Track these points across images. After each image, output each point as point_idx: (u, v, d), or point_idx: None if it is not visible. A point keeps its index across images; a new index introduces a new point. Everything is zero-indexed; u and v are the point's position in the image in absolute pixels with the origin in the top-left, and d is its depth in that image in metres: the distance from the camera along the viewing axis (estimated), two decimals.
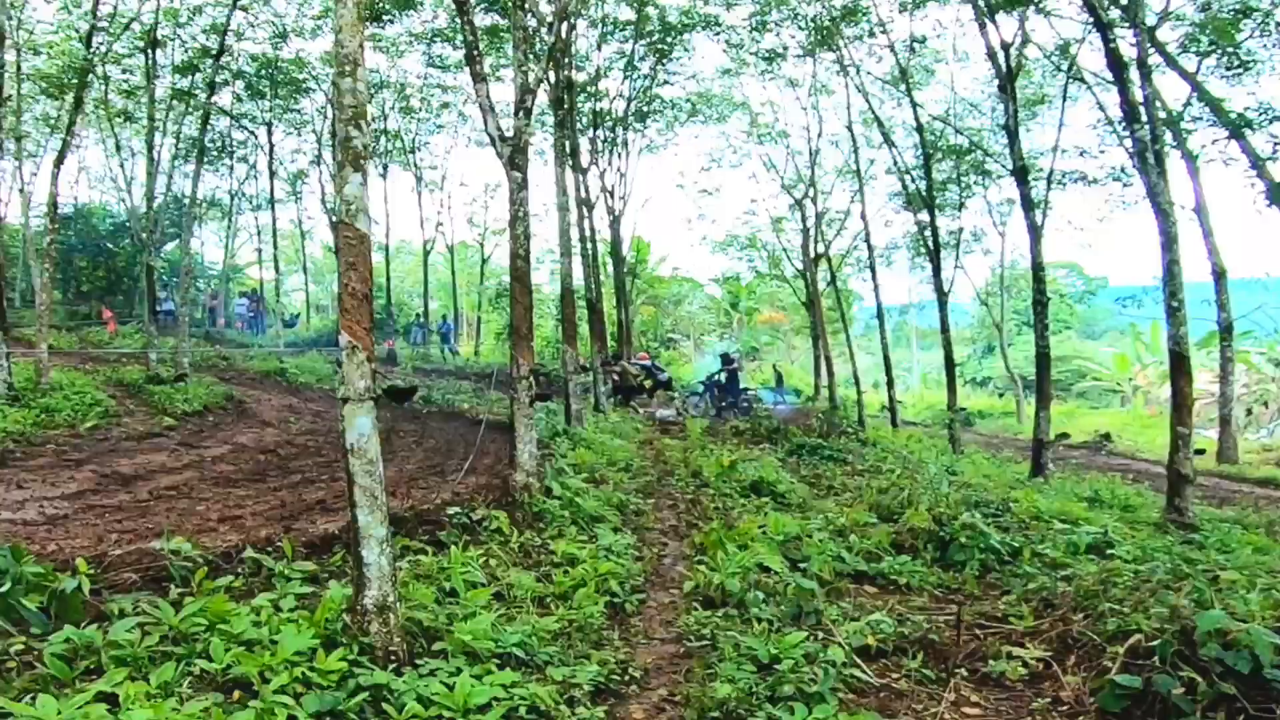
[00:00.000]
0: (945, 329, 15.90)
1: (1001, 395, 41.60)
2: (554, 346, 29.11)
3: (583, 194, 19.29)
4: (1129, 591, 5.20)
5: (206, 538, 5.51)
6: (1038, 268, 12.30)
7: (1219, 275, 17.12)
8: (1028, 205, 12.65)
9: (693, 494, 9.07)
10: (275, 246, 29.07)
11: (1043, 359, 12.27)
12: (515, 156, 7.54)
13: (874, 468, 12.43)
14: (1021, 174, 12.71)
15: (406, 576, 4.65)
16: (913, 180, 18.32)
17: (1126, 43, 9.93)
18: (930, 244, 16.13)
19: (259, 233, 30.54)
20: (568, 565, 5.50)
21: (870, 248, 20.03)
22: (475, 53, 7.89)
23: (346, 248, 3.77)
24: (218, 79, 17.56)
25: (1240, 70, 13.95)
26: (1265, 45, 14.02)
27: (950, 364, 15.97)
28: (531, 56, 8.15)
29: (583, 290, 17.01)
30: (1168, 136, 16.57)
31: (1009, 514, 8.58)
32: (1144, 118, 8.99)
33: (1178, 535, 8.43)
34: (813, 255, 27.18)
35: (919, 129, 16.70)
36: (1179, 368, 8.83)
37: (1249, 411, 33.97)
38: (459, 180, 43.50)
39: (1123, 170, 16.79)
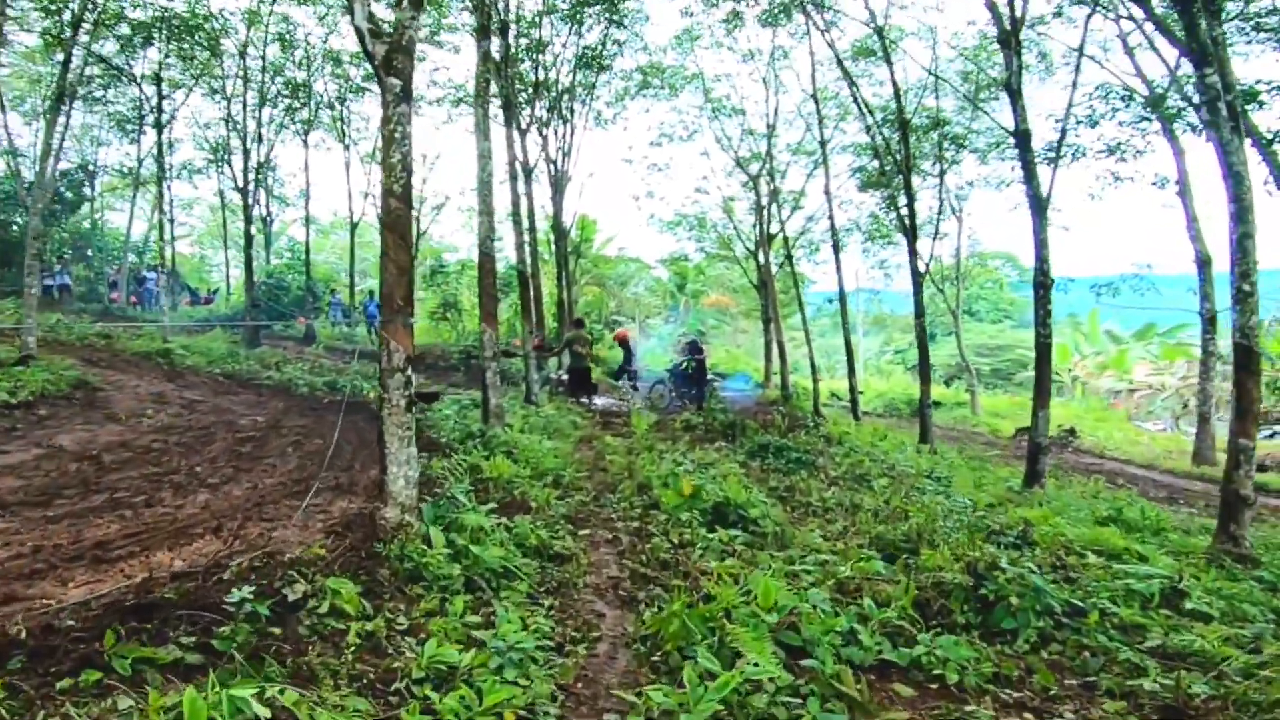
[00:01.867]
0: (920, 313, 13.96)
1: (949, 384, 40.45)
2: (508, 323, 26.63)
3: (521, 156, 16.85)
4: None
5: None
6: (1041, 245, 10.33)
7: (1203, 264, 15.54)
8: (1029, 174, 10.67)
9: (639, 520, 6.83)
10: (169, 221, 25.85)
11: (1044, 351, 10.35)
12: (394, 58, 5.15)
13: (852, 474, 10.39)
14: (1024, 139, 10.72)
15: None
16: (887, 149, 16.27)
17: None
18: (906, 220, 14.15)
19: (171, 204, 27.23)
20: (432, 689, 3.23)
21: (833, 224, 17.98)
22: None
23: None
24: (87, 15, 14.57)
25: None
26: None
27: (925, 352, 14.07)
28: None
29: (514, 263, 14.60)
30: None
31: (1034, 547, 6.58)
32: (1211, 62, 6.98)
33: (1244, 574, 6.56)
34: (766, 235, 25.14)
35: (896, 94, 14.68)
36: (1246, 365, 6.90)
37: (1185, 405, 33.25)
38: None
39: (1126, 141, 14.88)
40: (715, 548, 5.99)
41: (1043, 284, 10.38)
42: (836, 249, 17.89)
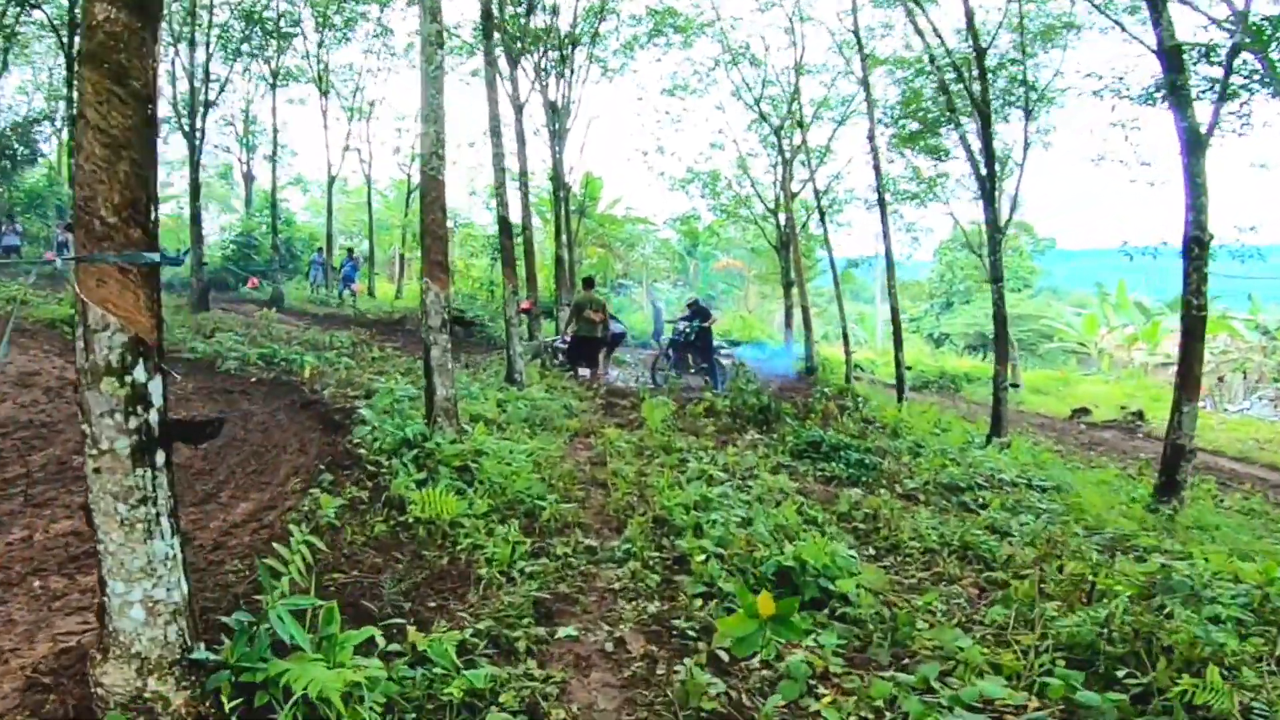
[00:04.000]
0: (999, 277, 11.06)
1: (974, 353, 37.61)
2: (487, 288, 23.80)
3: (511, 90, 13.94)
4: None
5: None
6: (1197, 192, 7.43)
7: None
8: (1182, 103, 7.71)
9: (658, 598, 4.07)
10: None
11: (1197, 327, 7.52)
12: None
13: (938, 485, 7.64)
14: (1173, 58, 7.73)
15: None
16: (942, 89, 13.16)
17: None
18: (984, 166, 11.16)
19: None
20: None
21: (879, 173, 14.93)
22: None
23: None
24: None
25: None
26: None
27: (1002, 325, 11.18)
28: None
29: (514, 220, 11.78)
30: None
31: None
32: None
33: None
34: (788, 191, 22.13)
35: (969, 19, 11.57)
36: None
37: (1221, 379, 30.47)
38: (378, 101, 32.94)
39: None
40: (797, 672, 3.24)
41: (1199, 241, 7.49)
42: (883, 204, 14.91)
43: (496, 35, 13.34)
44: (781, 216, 22.99)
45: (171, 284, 17.53)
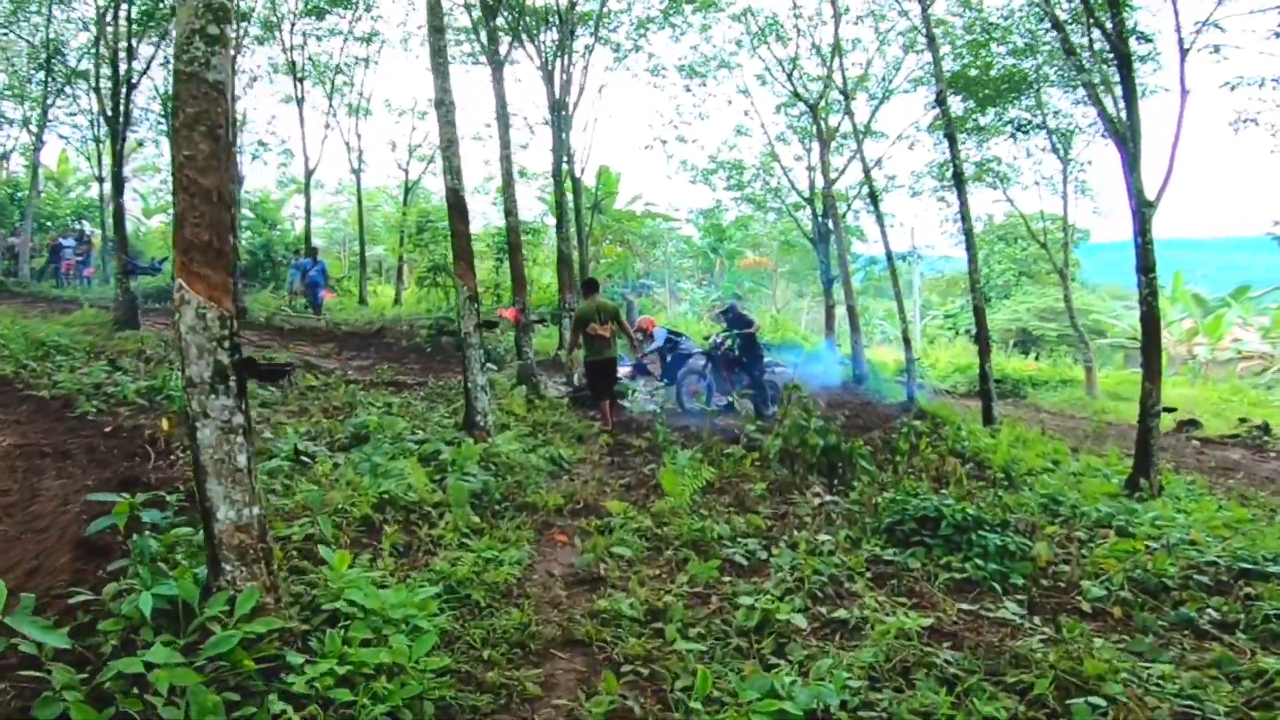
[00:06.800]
0: (1150, 265, 7.72)
1: (1017, 351, 33.99)
2: (493, 292, 20.85)
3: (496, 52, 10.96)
4: None
5: None
6: None
7: None
8: None
9: None
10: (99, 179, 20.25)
11: None
12: None
13: (1133, 596, 4.54)
14: None
15: None
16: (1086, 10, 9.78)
17: None
18: (1126, 120, 7.84)
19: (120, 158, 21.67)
20: None
21: (953, 144, 11.64)
22: None
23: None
24: None
25: None
26: None
27: (1155, 326, 7.88)
28: None
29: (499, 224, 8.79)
30: None
31: None
32: None
33: None
34: (828, 178, 18.93)
35: None
36: None
37: None
38: (358, 87, 24.48)
39: None
40: None
41: None
42: (960, 181, 11.59)
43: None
44: (818, 205, 19.86)
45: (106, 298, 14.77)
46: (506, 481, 5.48)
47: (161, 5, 11.98)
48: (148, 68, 13.63)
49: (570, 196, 18.75)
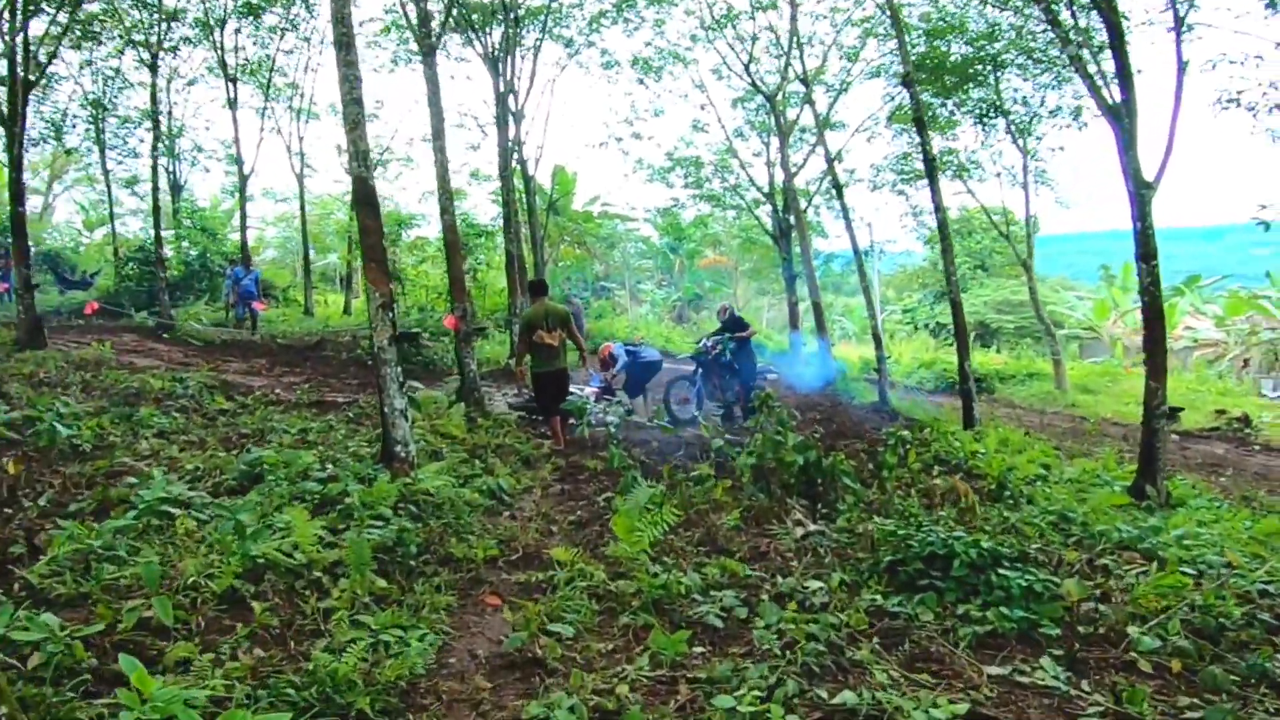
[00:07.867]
0: (1151, 253, 6.93)
1: (988, 347, 33.68)
2: (445, 299, 19.66)
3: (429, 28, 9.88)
4: None
5: None
6: None
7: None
8: None
9: None
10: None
11: None
12: None
13: (1187, 642, 3.65)
14: None
15: None
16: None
17: None
18: (1119, 95, 7.04)
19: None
20: None
21: (922, 126, 10.81)
22: None
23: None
24: None
25: None
26: None
27: (1159, 318, 7.16)
28: None
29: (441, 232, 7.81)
30: None
31: None
32: None
33: None
34: (789, 171, 18.14)
35: None
36: None
37: (1245, 362, 26.83)
38: (295, 87, 22.58)
39: None
40: None
41: None
42: (931, 169, 10.78)
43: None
44: (779, 200, 19.08)
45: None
46: (428, 527, 4.44)
47: None
48: (48, 64, 12.29)
49: (522, 194, 17.73)
